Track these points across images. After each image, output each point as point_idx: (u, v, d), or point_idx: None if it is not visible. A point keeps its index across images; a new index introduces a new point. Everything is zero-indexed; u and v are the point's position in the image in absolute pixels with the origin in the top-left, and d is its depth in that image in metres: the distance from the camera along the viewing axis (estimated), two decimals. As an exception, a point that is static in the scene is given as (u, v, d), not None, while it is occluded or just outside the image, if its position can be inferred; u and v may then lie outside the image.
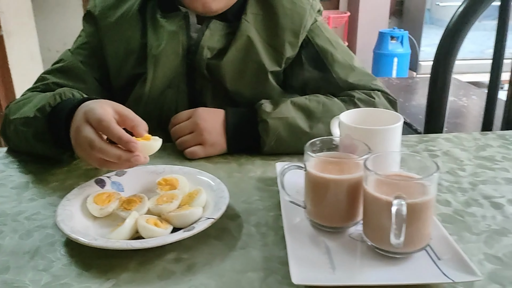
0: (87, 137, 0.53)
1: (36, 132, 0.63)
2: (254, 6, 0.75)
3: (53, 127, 0.62)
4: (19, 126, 0.66)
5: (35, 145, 0.65)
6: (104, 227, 0.50)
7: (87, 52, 0.78)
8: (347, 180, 0.47)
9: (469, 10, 0.80)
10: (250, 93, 0.76)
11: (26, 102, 0.69)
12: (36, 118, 0.63)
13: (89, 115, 0.54)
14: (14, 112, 0.69)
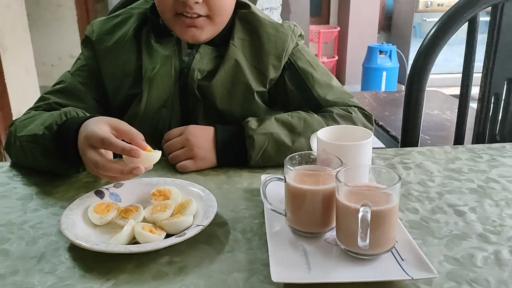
0: (91, 159, 0.59)
1: (44, 149, 0.69)
2: (241, 32, 0.82)
3: (60, 144, 0.67)
4: (27, 143, 0.71)
5: (42, 161, 0.70)
6: (103, 234, 0.56)
7: (85, 74, 0.84)
8: (322, 191, 0.53)
9: (439, 33, 0.87)
10: (239, 111, 0.82)
11: (32, 120, 0.74)
12: (44, 136, 0.68)
13: (90, 138, 0.60)
14: (21, 129, 0.74)
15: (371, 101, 2.50)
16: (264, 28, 0.82)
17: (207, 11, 0.75)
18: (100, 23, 0.85)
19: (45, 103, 0.81)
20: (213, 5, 0.75)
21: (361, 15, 4.26)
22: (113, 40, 0.82)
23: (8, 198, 0.66)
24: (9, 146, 0.78)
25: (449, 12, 0.86)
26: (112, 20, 0.85)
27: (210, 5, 0.75)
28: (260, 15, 0.84)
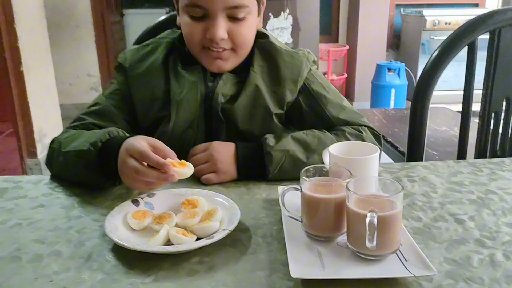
0: (133, 166, 0.67)
1: (88, 163, 0.76)
2: (260, 60, 0.90)
3: (103, 160, 0.75)
4: (72, 157, 0.79)
5: (84, 174, 0.78)
6: (141, 237, 0.63)
7: (118, 97, 0.92)
8: (334, 199, 0.60)
9: (441, 56, 0.94)
10: (258, 131, 0.89)
11: (75, 137, 0.82)
12: (89, 151, 0.76)
13: (130, 150, 0.69)
14: (66, 145, 0.81)
15: (380, 118, 2.56)
16: (281, 56, 0.90)
17: (232, 45, 0.84)
18: (132, 52, 0.94)
19: (82, 123, 0.90)
20: (237, 40, 0.84)
21: (369, 33, 4.35)
22: (144, 67, 0.91)
23: (52, 207, 0.74)
24: (51, 161, 0.86)
25: (450, 38, 0.94)
26: (143, 49, 0.94)
27: (234, 40, 0.84)
28: (277, 44, 0.93)
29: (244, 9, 0.83)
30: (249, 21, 0.86)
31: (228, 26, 0.83)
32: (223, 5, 0.81)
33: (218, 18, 0.82)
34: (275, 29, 3.95)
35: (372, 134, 0.92)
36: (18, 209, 0.74)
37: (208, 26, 0.83)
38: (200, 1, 0.81)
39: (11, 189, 0.81)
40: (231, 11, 0.82)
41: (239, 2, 0.82)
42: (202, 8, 0.82)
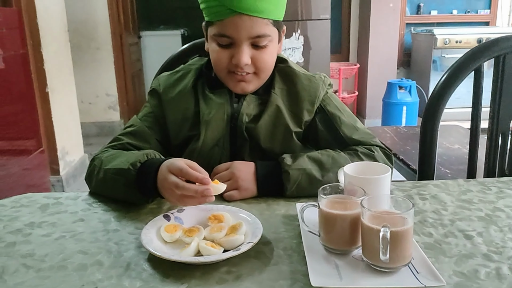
0: (173, 182, 0.75)
1: (127, 181, 0.83)
2: (280, 83, 0.98)
3: (141, 178, 0.82)
4: (112, 175, 0.86)
5: (122, 191, 0.85)
6: (173, 249, 0.69)
7: (151, 119, 1.00)
8: (350, 215, 0.66)
9: (449, 81, 1.00)
10: (279, 149, 0.96)
11: (116, 157, 0.89)
12: (129, 170, 0.83)
13: (171, 167, 0.76)
14: (107, 163, 0.88)
15: (392, 136, 2.60)
16: (300, 79, 0.98)
17: (254, 69, 0.92)
18: (165, 78, 1.02)
19: (119, 143, 0.97)
20: (259, 65, 0.92)
21: (380, 52, 4.42)
22: (175, 92, 0.99)
23: (92, 221, 0.81)
24: (91, 177, 0.92)
25: (457, 63, 1.00)
26: (174, 75, 1.02)
27: (256, 65, 0.92)
28: (295, 68, 1.00)
29: (266, 38, 0.91)
30: (270, 48, 0.93)
31: (251, 52, 0.91)
32: (247, 35, 0.89)
33: (242, 46, 0.90)
34: (286, 49, 4.04)
35: (384, 153, 0.97)
36: (60, 223, 0.81)
37: (234, 53, 0.91)
38: (227, 32, 0.89)
39: (52, 204, 0.89)
40: (254, 40, 0.90)
41: (262, 32, 0.90)
42: (229, 38, 0.90)
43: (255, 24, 0.88)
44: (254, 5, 0.86)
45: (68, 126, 3.01)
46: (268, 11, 0.89)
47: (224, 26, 0.89)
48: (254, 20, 0.88)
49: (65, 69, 3.03)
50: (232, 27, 0.88)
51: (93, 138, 3.96)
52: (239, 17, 0.87)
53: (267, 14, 0.89)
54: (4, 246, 0.74)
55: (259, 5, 0.87)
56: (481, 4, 4.82)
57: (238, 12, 0.87)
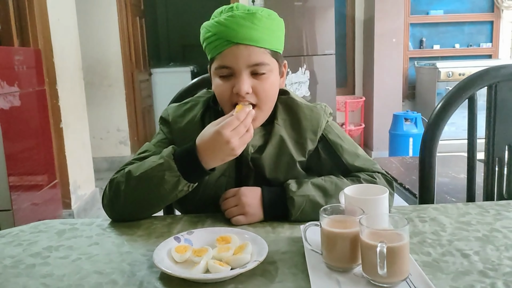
0: (226, 124, 0.87)
1: (169, 169, 0.88)
2: (283, 113, 1.03)
3: (182, 164, 0.89)
4: (149, 174, 0.90)
5: (165, 182, 0.89)
6: (183, 268, 0.73)
7: (165, 145, 1.03)
8: (349, 233, 0.70)
9: (443, 109, 1.05)
10: (284, 178, 0.99)
11: (139, 165, 0.94)
12: (167, 162, 0.89)
13: (213, 123, 0.91)
14: (136, 172, 0.92)
15: (398, 166, 2.63)
16: (302, 110, 1.03)
17: (256, 99, 0.96)
18: (174, 109, 1.08)
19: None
20: (260, 94, 0.96)
21: (385, 85, 4.51)
22: (184, 122, 1.05)
23: (106, 244, 0.86)
24: (117, 194, 0.94)
25: (451, 92, 1.06)
26: (183, 106, 1.08)
27: (258, 95, 0.96)
28: (297, 99, 1.05)
29: (265, 66, 0.96)
30: (270, 78, 0.98)
31: (252, 82, 0.95)
32: (245, 63, 0.94)
33: (242, 75, 0.94)
34: (293, 83, 4.16)
35: (385, 179, 1.01)
36: (76, 246, 0.86)
37: (235, 83, 0.95)
38: (227, 62, 0.95)
39: (68, 230, 0.94)
40: (253, 68, 0.95)
41: (259, 60, 0.94)
42: (228, 68, 0.95)
43: (252, 52, 0.93)
44: (250, 35, 0.92)
45: (80, 161, 3.10)
46: (264, 41, 0.94)
47: (223, 57, 0.94)
48: (251, 49, 0.93)
49: (79, 105, 3.15)
50: (230, 57, 0.93)
51: (104, 173, 4.04)
52: (236, 47, 0.92)
53: (263, 44, 0.94)
54: (24, 268, 0.78)
55: (254, 34, 0.92)
56: (483, 38, 4.94)
57: (235, 42, 0.92)
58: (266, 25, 0.94)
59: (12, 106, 2.15)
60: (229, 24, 0.92)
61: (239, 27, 0.91)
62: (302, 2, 3.98)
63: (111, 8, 4.22)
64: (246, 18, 0.92)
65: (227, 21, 0.92)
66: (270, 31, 0.95)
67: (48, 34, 2.74)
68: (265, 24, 0.94)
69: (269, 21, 0.95)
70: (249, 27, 0.92)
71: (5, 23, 2.38)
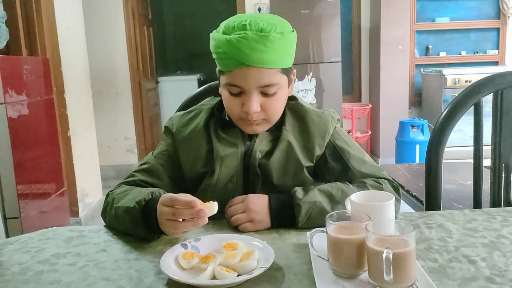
0: (168, 212, 0.81)
1: (133, 219, 0.89)
2: (291, 119, 1.04)
3: (145, 216, 0.88)
4: (121, 212, 0.92)
5: (130, 227, 0.91)
6: (190, 274, 0.74)
7: (165, 157, 1.06)
8: (356, 239, 0.70)
9: (449, 116, 1.05)
10: (291, 184, 1.00)
11: (125, 194, 0.95)
12: (134, 208, 0.89)
13: (163, 201, 0.84)
14: (117, 201, 0.95)
15: (405, 173, 2.62)
16: (310, 115, 1.04)
17: (264, 116, 0.97)
18: (178, 118, 1.09)
19: (132, 180, 1.04)
20: (268, 112, 0.97)
21: (391, 92, 4.51)
22: (188, 131, 1.06)
23: (113, 251, 0.86)
24: (105, 213, 0.99)
25: (457, 99, 1.06)
26: (187, 115, 1.09)
27: (266, 112, 0.97)
28: (305, 105, 1.06)
29: (275, 86, 0.96)
30: (279, 95, 0.98)
31: (261, 100, 0.96)
32: (256, 84, 0.94)
33: (252, 95, 0.95)
34: (299, 91, 4.17)
35: (391, 185, 1.01)
36: (84, 253, 0.86)
37: (244, 101, 0.96)
38: (237, 82, 0.95)
39: (76, 237, 0.95)
40: (263, 89, 0.95)
41: (270, 82, 0.95)
42: (238, 87, 0.95)
43: (263, 74, 0.93)
44: (261, 58, 0.91)
45: (88, 169, 3.12)
46: (275, 62, 0.93)
47: (234, 76, 0.94)
48: (262, 71, 0.92)
49: (87, 114, 3.18)
50: (241, 77, 0.93)
51: (111, 181, 4.06)
52: (248, 68, 0.92)
53: (274, 65, 0.93)
54: (32, 275, 0.79)
55: (266, 57, 0.91)
56: (489, 45, 4.92)
57: (246, 64, 0.92)
58: (279, 46, 0.92)
59: (20, 114, 2.18)
60: (241, 47, 0.90)
61: (252, 51, 0.90)
62: (309, 10, 4.01)
63: (118, 17, 4.27)
64: (259, 41, 0.89)
65: (239, 43, 0.90)
66: (283, 51, 0.94)
67: (56, 44, 2.78)
68: (278, 45, 0.92)
69: (282, 41, 0.92)
70: (262, 51, 0.90)
71: (13, 33, 2.41)
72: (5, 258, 0.87)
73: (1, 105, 2.03)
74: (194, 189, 1.03)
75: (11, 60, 2.23)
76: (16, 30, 2.49)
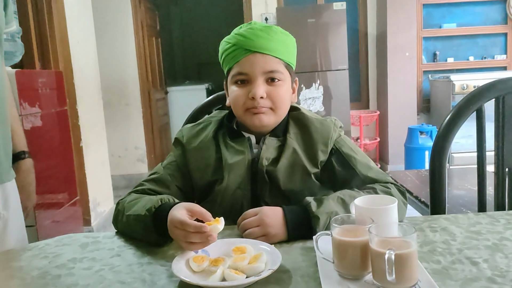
0: (179, 234, 0.83)
1: (145, 226, 0.92)
2: (294, 128, 1.08)
3: (156, 223, 0.91)
4: (132, 220, 0.95)
5: (142, 233, 0.94)
6: (200, 277, 0.77)
7: (174, 168, 1.10)
8: (360, 242, 0.73)
9: (452, 121, 1.08)
10: (299, 189, 1.03)
11: (136, 202, 0.99)
12: (145, 216, 0.92)
13: (173, 222, 0.85)
14: (128, 209, 0.98)
15: (413, 179, 2.62)
16: (312, 123, 1.07)
17: (270, 104, 1.02)
18: (188, 129, 1.14)
19: (141, 188, 1.07)
20: (274, 99, 1.02)
21: (399, 99, 4.52)
22: (197, 142, 1.10)
23: (127, 256, 0.90)
24: (117, 220, 1.03)
25: (459, 105, 1.08)
26: (197, 126, 1.13)
27: (272, 99, 1.02)
28: (307, 114, 1.10)
29: (279, 74, 1.03)
30: (283, 86, 1.04)
31: (266, 88, 1.02)
32: (261, 70, 1.01)
33: (258, 81, 1.01)
34: (307, 99, 4.20)
35: (398, 190, 1.03)
36: (99, 258, 0.90)
37: (251, 88, 1.02)
38: (244, 69, 1.02)
39: (91, 243, 0.98)
40: (268, 75, 1.02)
41: (274, 68, 1.02)
42: (245, 75, 1.02)
43: (268, 60, 1.02)
44: (266, 44, 1.01)
45: (99, 179, 3.17)
46: (278, 51, 1.02)
47: (241, 65, 1.02)
48: (267, 58, 1.02)
49: (98, 124, 3.24)
50: (247, 64, 1.02)
51: (122, 190, 4.11)
52: (253, 55, 1.01)
53: (278, 54, 1.02)
54: (51, 278, 0.83)
55: (270, 45, 1.01)
56: (497, 50, 4.92)
57: (252, 51, 1.01)
58: (281, 38, 1.03)
59: (35, 126, 2.25)
60: (248, 35, 1.01)
61: (257, 37, 1.01)
62: (315, 19, 4.05)
63: (128, 29, 4.36)
64: (263, 30, 1.02)
65: (246, 32, 1.02)
66: (285, 45, 1.04)
67: (68, 57, 2.85)
68: (280, 37, 1.03)
69: (284, 36, 1.05)
70: (266, 38, 1.01)
71: (27, 47, 2.48)
72: (24, 263, 0.91)
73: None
74: (203, 197, 1.07)
75: (27, 74, 2.30)
76: (30, 44, 2.56)
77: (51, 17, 2.74)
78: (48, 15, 2.73)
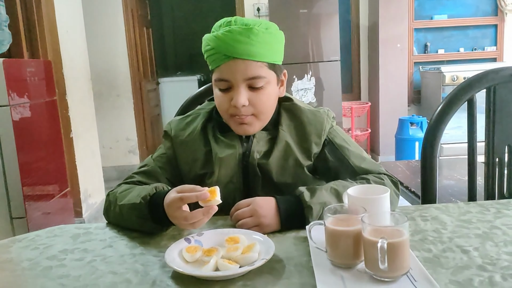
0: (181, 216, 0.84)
1: (140, 214, 0.91)
2: (287, 119, 1.07)
3: (152, 210, 0.90)
4: (126, 209, 0.94)
5: (136, 222, 0.93)
6: (194, 267, 0.77)
7: (164, 160, 1.09)
8: (352, 231, 0.73)
9: (444, 112, 1.08)
10: (291, 181, 1.03)
11: (128, 192, 0.98)
12: (140, 204, 0.91)
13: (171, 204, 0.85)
14: (121, 199, 0.97)
15: (404, 170, 2.64)
16: (305, 114, 1.06)
17: (253, 111, 1.00)
18: (176, 122, 1.12)
19: (131, 181, 1.07)
20: (257, 106, 1.00)
21: (390, 90, 4.54)
22: (186, 134, 1.09)
23: (119, 247, 0.89)
24: (108, 211, 1.01)
25: (450, 95, 1.09)
26: (185, 119, 1.12)
27: (255, 107, 1.00)
28: (300, 105, 1.09)
29: (262, 79, 0.98)
30: (267, 90, 1.00)
31: (248, 94, 0.99)
32: (242, 77, 0.97)
33: (239, 88, 0.98)
34: (299, 90, 4.20)
35: (391, 180, 1.04)
36: (91, 248, 0.89)
37: (233, 95, 0.99)
38: (225, 76, 0.98)
39: (83, 234, 0.98)
40: (250, 81, 0.98)
41: (256, 74, 0.97)
42: (227, 81, 0.99)
43: (249, 66, 0.96)
44: (246, 50, 0.94)
45: (90, 170, 3.15)
46: (261, 55, 0.96)
47: (221, 71, 0.98)
48: (248, 63, 0.96)
49: (88, 115, 3.21)
50: (228, 71, 0.97)
51: (113, 182, 4.09)
52: (234, 61, 0.96)
53: (260, 58, 0.96)
54: (41, 269, 0.82)
55: (251, 49, 0.95)
56: (488, 42, 4.95)
57: (232, 57, 0.95)
58: (263, 39, 0.96)
59: (24, 117, 2.21)
60: (227, 40, 0.94)
61: (236, 42, 0.94)
62: (307, 10, 4.03)
63: (118, 19, 4.30)
64: (243, 34, 0.94)
65: (225, 36, 0.94)
66: (268, 45, 0.97)
67: (57, 46, 2.81)
68: (262, 38, 0.96)
69: (267, 35, 0.96)
70: (246, 42, 0.94)
71: (15, 36, 2.45)
72: (14, 255, 0.91)
73: (6, 107, 2.06)
74: None
75: (15, 63, 2.26)
76: (18, 33, 2.52)
77: (39, 5, 2.69)
78: (36, 3, 2.68)
